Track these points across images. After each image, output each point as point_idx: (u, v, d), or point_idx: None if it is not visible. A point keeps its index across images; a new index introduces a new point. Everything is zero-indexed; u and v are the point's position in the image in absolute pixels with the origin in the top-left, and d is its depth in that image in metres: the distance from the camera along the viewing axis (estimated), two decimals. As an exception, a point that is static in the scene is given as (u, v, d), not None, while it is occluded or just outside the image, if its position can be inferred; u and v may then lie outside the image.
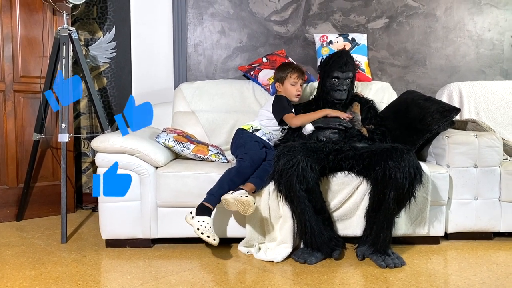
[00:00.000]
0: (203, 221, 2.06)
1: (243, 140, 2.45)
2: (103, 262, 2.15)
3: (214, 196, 2.13)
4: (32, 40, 2.93)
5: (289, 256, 2.16)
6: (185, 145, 2.49)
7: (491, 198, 2.41)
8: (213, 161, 2.51)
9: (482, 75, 3.25)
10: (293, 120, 2.47)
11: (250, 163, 2.26)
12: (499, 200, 2.42)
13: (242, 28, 3.25)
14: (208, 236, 2.02)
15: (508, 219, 2.42)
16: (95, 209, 3.15)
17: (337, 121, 2.40)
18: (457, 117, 2.69)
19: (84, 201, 3.34)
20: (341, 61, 2.48)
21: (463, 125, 2.67)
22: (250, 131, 2.51)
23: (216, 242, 2.02)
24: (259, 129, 2.52)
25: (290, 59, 3.08)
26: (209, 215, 2.10)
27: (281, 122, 2.52)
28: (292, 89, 2.60)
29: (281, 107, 2.53)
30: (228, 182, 2.16)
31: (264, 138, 2.50)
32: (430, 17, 3.23)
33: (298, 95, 2.61)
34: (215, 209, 2.15)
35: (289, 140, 2.48)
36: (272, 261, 2.12)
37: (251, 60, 3.21)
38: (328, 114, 2.44)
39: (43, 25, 2.94)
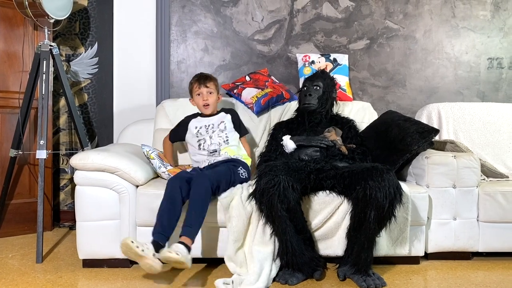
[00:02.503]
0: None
1: None
2: (79, 283, 2.09)
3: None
4: (12, 55, 2.89)
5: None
6: (165, 163, 2.45)
7: (469, 218, 2.44)
8: None
9: (460, 96, 3.33)
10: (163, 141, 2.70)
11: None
12: (477, 220, 2.45)
13: (225, 47, 3.27)
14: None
15: (486, 239, 2.45)
16: (72, 227, 3.08)
17: (318, 139, 2.43)
18: (436, 138, 2.74)
19: (62, 219, 3.26)
20: (313, 75, 2.65)
21: (442, 146, 2.71)
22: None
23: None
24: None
25: (272, 78, 3.10)
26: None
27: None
28: (199, 99, 2.57)
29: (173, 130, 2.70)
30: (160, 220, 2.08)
31: (205, 164, 2.46)
32: (409, 39, 3.31)
33: (204, 105, 2.56)
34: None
35: (271, 158, 2.49)
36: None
37: (234, 78, 3.22)
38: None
39: (24, 40, 2.91)
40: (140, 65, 3.19)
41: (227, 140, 2.52)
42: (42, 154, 2.53)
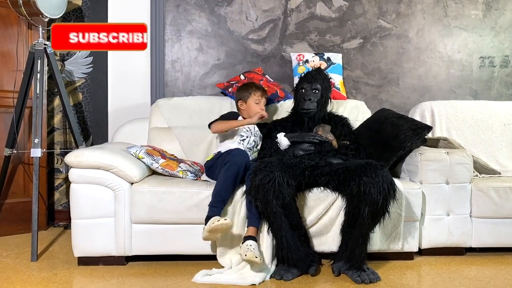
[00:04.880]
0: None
1: (212, 162, 2.44)
2: (74, 280, 2.09)
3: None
4: (6, 54, 2.89)
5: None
6: (155, 158, 2.45)
7: (462, 214, 2.46)
8: (180, 178, 2.44)
9: (452, 94, 3.36)
10: (213, 125, 2.59)
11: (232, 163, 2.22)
12: (470, 216, 2.47)
13: (220, 46, 3.28)
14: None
15: (479, 235, 2.48)
16: (67, 226, 3.08)
17: (311, 135, 2.46)
18: (429, 135, 2.76)
19: (57, 219, 3.25)
20: (309, 74, 2.61)
21: (435, 143, 2.74)
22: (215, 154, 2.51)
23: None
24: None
25: (267, 76, 3.12)
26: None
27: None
28: (256, 107, 2.62)
29: (222, 116, 2.65)
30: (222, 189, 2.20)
31: (241, 146, 2.48)
32: (402, 38, 3.34)
33: (261, 112, 2.58)
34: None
35: (266, 155, 2.50)
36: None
37: (228, 77, 3.23)
38: (241, 125, 2.53)
39: (18, 39, 2.90)
40: (135, 64, 3.19)
41: (257, 147, 2.59)
42: (36, 152, 2.53)
